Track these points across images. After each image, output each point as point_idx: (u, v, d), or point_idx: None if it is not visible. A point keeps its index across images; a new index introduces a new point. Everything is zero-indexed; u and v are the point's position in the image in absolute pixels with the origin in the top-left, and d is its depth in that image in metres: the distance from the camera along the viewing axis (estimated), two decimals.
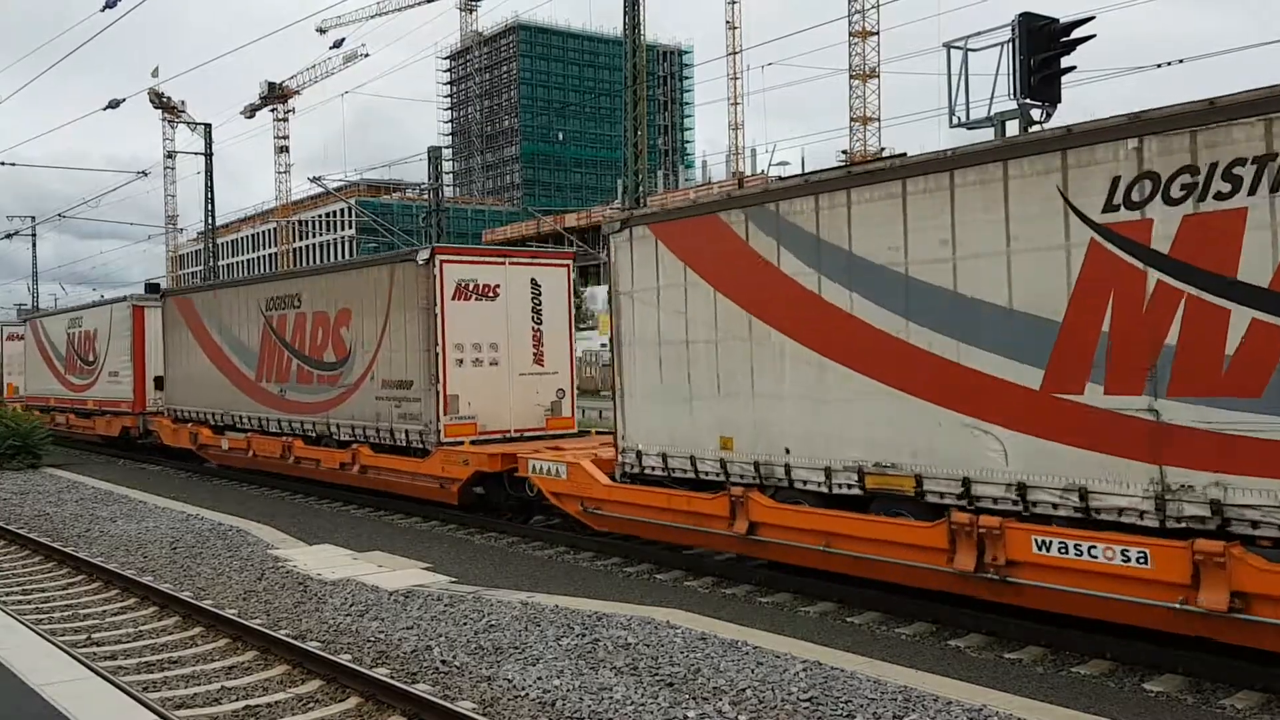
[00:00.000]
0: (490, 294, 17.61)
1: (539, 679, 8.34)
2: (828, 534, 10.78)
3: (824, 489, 11.05)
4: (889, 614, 10.61)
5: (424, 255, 17.45)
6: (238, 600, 11.73)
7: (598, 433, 18.71)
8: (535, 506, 16.16)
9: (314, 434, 20.43)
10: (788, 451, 11.43)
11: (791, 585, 11.72)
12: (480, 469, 16.13)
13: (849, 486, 10.80)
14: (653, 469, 13.15)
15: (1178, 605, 8.08)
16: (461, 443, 16.81)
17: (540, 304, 18.01)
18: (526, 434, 17.60)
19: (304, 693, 8.45)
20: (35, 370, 37.38)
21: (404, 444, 17.94)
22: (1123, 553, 8.36)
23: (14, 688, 7.26)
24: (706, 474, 12.38)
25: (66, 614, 11.51)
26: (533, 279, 18.02)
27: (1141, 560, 8.27)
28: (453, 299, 17.19)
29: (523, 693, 8.09)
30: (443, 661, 8.99)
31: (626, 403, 13.50)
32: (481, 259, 18.22)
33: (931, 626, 10.14)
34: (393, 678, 8.39)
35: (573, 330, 18.91)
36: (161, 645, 10.12)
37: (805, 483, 11.24)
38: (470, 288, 17.41)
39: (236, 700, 8.30)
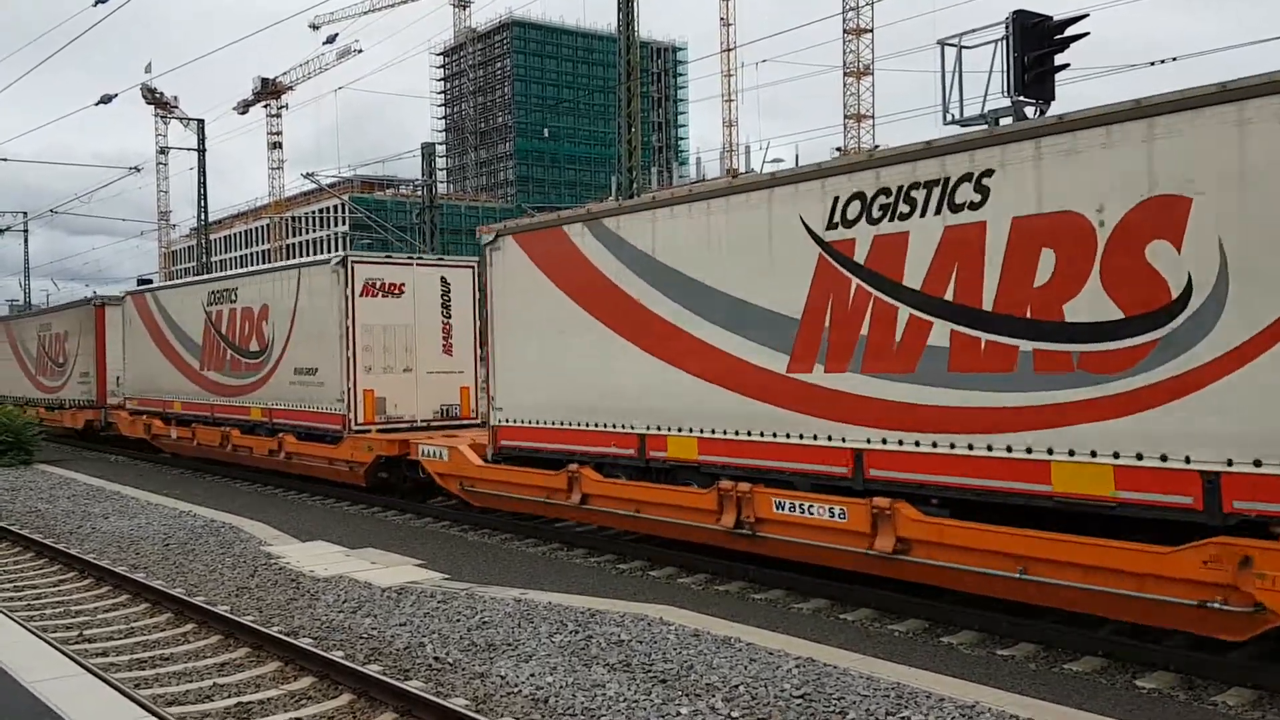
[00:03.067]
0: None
1: (532, 676, 8.34)
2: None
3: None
4: (882, 610, 10.62)
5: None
6: (230, 597, 11.71)
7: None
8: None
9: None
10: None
11: (784, 582, 11.73)
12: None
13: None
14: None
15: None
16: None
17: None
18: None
19: (296, 690, 8.44)
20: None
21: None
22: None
23: (5, 685, 7.24)
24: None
25: (58, 611, 11.49)
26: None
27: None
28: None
29: (515, 689, 8.08)
30: (435, 658, 8.98)
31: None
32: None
33: (924, 623, 10.16)
34: (385, 675, 8.38)
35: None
36: (153, 642, 10.10)
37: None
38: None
39: (228, 697, 8.29)
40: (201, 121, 48.30)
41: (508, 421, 15.23)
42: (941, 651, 9.37)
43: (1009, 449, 9.26)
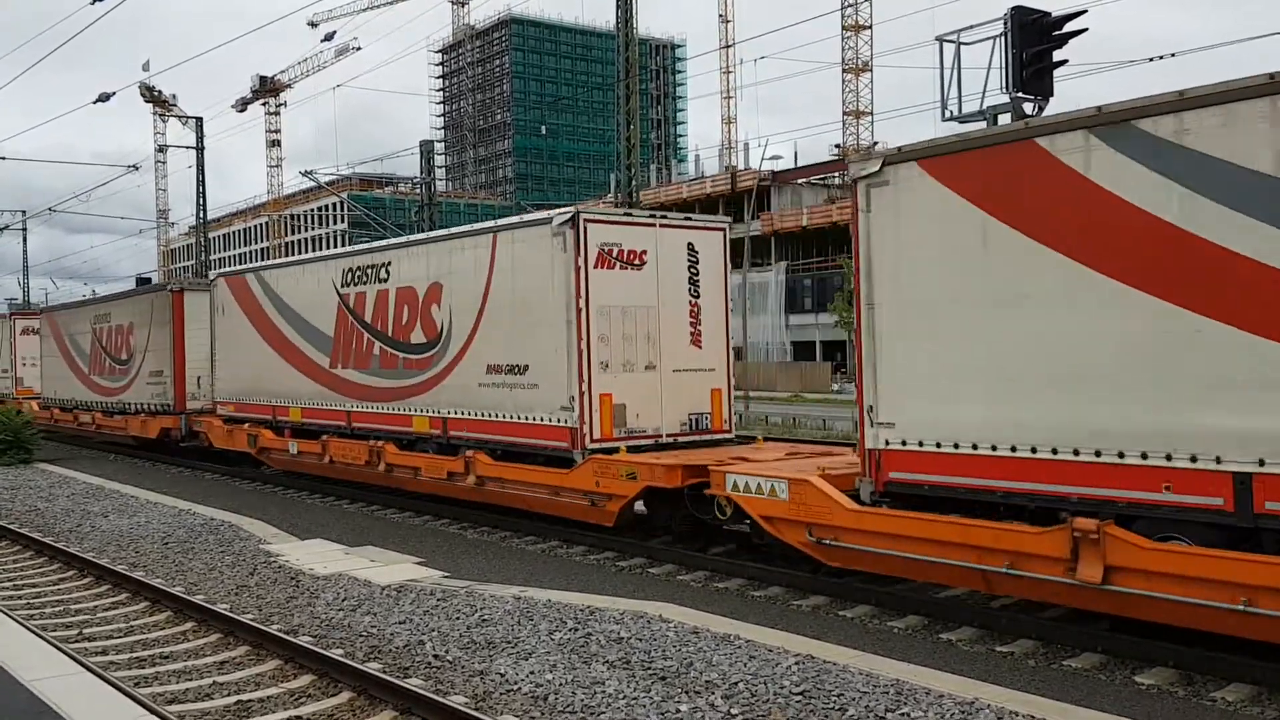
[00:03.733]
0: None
1: (531, 673, 8.34)
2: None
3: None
4: (881, 607, 10.62)
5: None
6: (229, 595, 11.71)
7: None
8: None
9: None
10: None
11: (783, 580, 11.73)
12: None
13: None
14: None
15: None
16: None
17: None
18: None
19: (296, 688, 8.44)
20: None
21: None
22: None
23: (4, 683, 7.24)
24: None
25: (58, 609, 11.49)
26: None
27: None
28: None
29: (515, 687, 8.09)
30: (435, 656, 8.98)
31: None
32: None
33: (924, 620, 10.16)
34: (385, 673, 8.38)
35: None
36: (153, 640, 10.10)
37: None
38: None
39: (228, 695, 8.29)
40: (200, 119, 48.29)
41: (902, 444, 10.25)
42: (941, 648, 9.38)
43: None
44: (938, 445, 9.97)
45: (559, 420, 14.35)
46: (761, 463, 12.65)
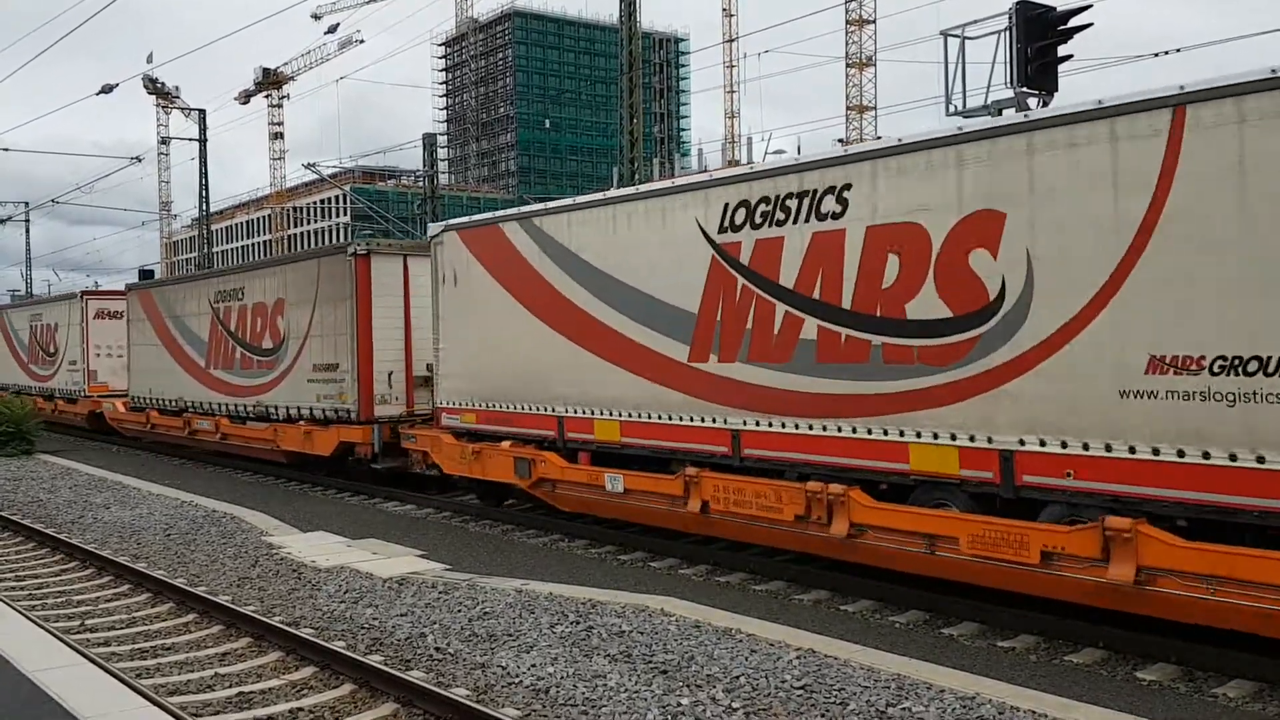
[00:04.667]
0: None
1: (533, 666, 8.35)
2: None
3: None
4: (883, 602, 10.62)
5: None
6: (231, 587, 11.72)
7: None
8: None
9: None
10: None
11: (786, 574, 11.73)
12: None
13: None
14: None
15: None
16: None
17: None
18: None
19: (297, 679, 8.45)
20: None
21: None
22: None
23: (7, 674, 7.25)
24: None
25: (60, 600, 11.50)
26: None
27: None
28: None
29: (516, 680, 8.09)
30: (437, 649, 8.99)
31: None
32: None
33: (925, 615, 10.16)
34: (386, 665, 8.39)
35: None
36: (155, 632, 10.11)
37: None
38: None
39: (230, 687, 8.30)
40: (203, 112, 48.22)
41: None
42: (942, 643, 9.38)
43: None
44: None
45: None
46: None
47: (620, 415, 13.26)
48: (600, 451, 13.73)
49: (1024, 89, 13.96)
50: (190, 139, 51.29)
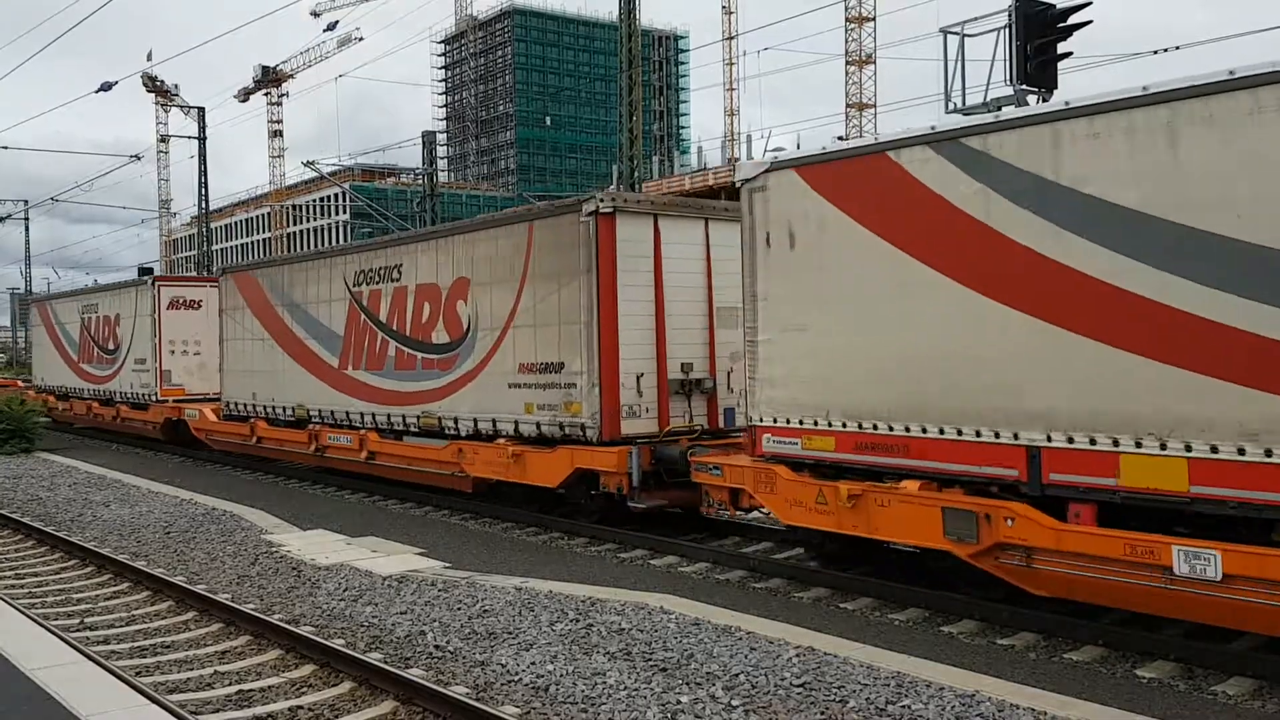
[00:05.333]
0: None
1: (533, 664, 8.35)
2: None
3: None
4: (882, 600, 10.62)
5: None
6: (231, 585, 11.72)
7: None
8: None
9: None
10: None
11: (785, 572, 11.73)
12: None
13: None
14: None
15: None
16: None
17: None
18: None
19: (297, 677, 8.45)
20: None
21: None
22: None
23: (6, 672, 7.25)
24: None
25: (60, 598, 11.50)
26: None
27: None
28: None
29: (516, 678, 8.09)
30: (436, 646, 8.99)
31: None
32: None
33: (924, 613, 10.16)
34: (386, 663, 8.39)
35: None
36: (154, 630, 10.11)
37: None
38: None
39: (229, 685, 8.30)
40: (202, 109, 48.19)
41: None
42: (942, 640, 9.38)
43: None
44: None
45: None
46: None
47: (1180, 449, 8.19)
48: (1122, 504, 8.60)
49: (1023, 86, 13.96)
50: (190, 137, 51.29)
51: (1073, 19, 14.41)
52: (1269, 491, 7.62)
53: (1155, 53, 25.37)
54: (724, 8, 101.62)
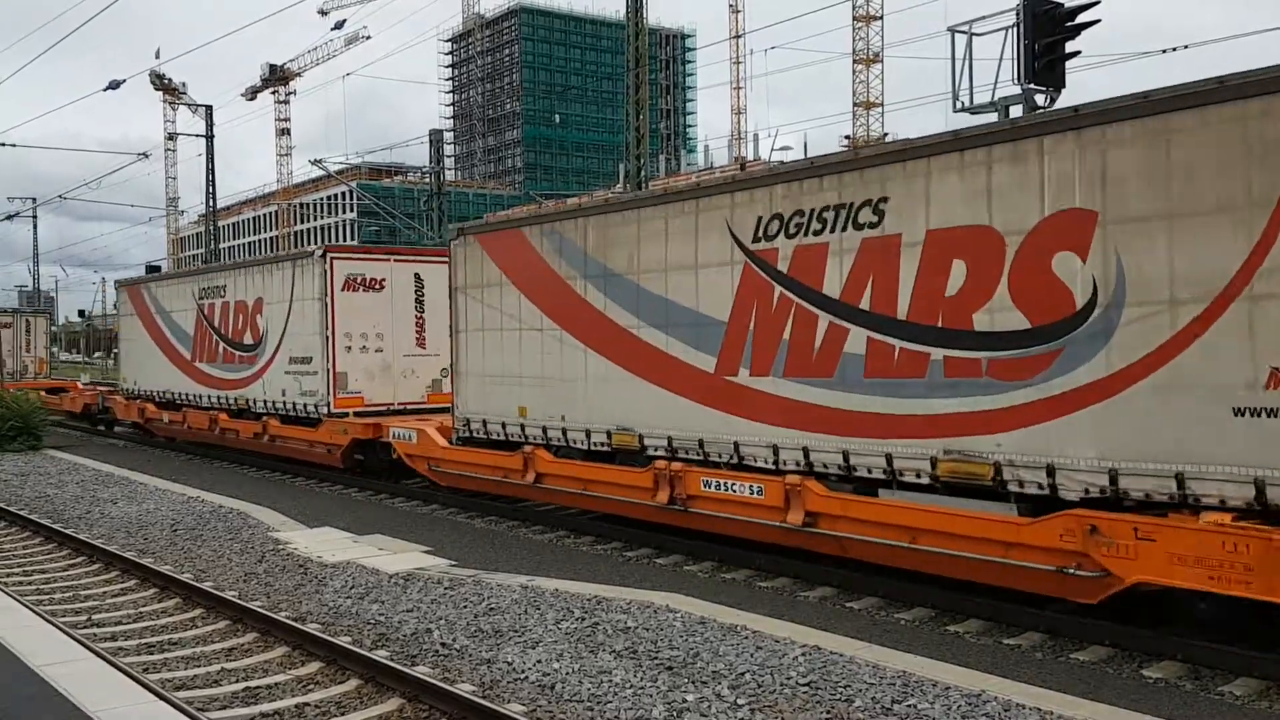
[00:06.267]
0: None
1: (538, 662, 8.36)
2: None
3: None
4: (888, 599, 10.62)
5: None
6: (238, 582, 11.74)
7: None
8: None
9: None
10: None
11: (790, 570, 11.73)
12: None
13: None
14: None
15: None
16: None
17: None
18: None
19: (304, 675, 8.47)
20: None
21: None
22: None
23: (14, 668, 7.27)
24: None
25: (67, 595, 11.54)
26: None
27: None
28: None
29: (522, 676, 8.10)
30: (443, 644, 9.00)
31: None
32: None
33: (930, 612, 10.15)
34: (393, 660, 8.40)
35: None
36: (161, 627, 10.14)
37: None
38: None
39: (236, 682, 8.32)
40: (210, 108, 48.25)
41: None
42: (948, 640, 9.37)
43: None
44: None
45: None
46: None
47: None
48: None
49: (1031, 85, 13.96)
50: (197, 135, 51.35)
51: (1081, 18, 14.40)
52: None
53: (1164, 51, 25.31)
54: (731, 6, 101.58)
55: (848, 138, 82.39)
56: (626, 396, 13.41)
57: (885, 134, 77.11)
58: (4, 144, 49.90)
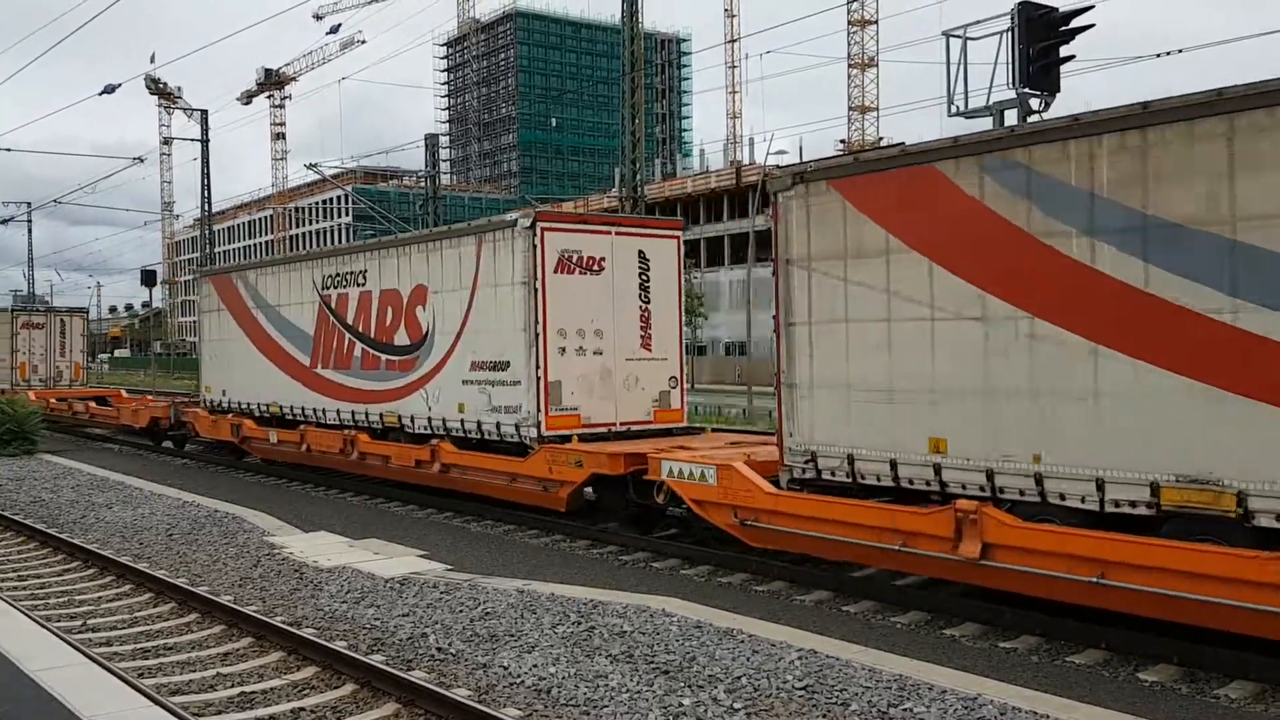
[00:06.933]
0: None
1: (534, 666, 8.35)
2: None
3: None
4: (884, 603, 10.62)
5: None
6: (233, 587, 11.72)
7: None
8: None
9: None
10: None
11: (786, 574, 11.73)
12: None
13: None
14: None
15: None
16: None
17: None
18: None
19: (299, 679, 8.45)
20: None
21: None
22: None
23: (9, 673, 7.25)
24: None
25: (62, 600, 11.51)
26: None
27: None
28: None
29: (518, 680, 8.09)
30: (438, 649, 8.99)
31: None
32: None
33: (926, 615, 10.16)
34: (388, 665, 8.39)
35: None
36: (157, 631, 10.11)
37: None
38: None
39: (232, 687, 8.30)
40: (205, 112, 48.32)
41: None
42: (944, 643, 9.38)
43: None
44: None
45: None
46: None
47: None
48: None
49: (1026, 89, 13.99)
50: (192, 139, 51.35)
51: (1075, 22, 14.45)
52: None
53: (1159, 55, 25.42)
54: (726, 10, 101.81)
55: (843, 142, 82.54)
56: (1202, 424, 8.23)
57: (880, 138, 77.24)
58: None
